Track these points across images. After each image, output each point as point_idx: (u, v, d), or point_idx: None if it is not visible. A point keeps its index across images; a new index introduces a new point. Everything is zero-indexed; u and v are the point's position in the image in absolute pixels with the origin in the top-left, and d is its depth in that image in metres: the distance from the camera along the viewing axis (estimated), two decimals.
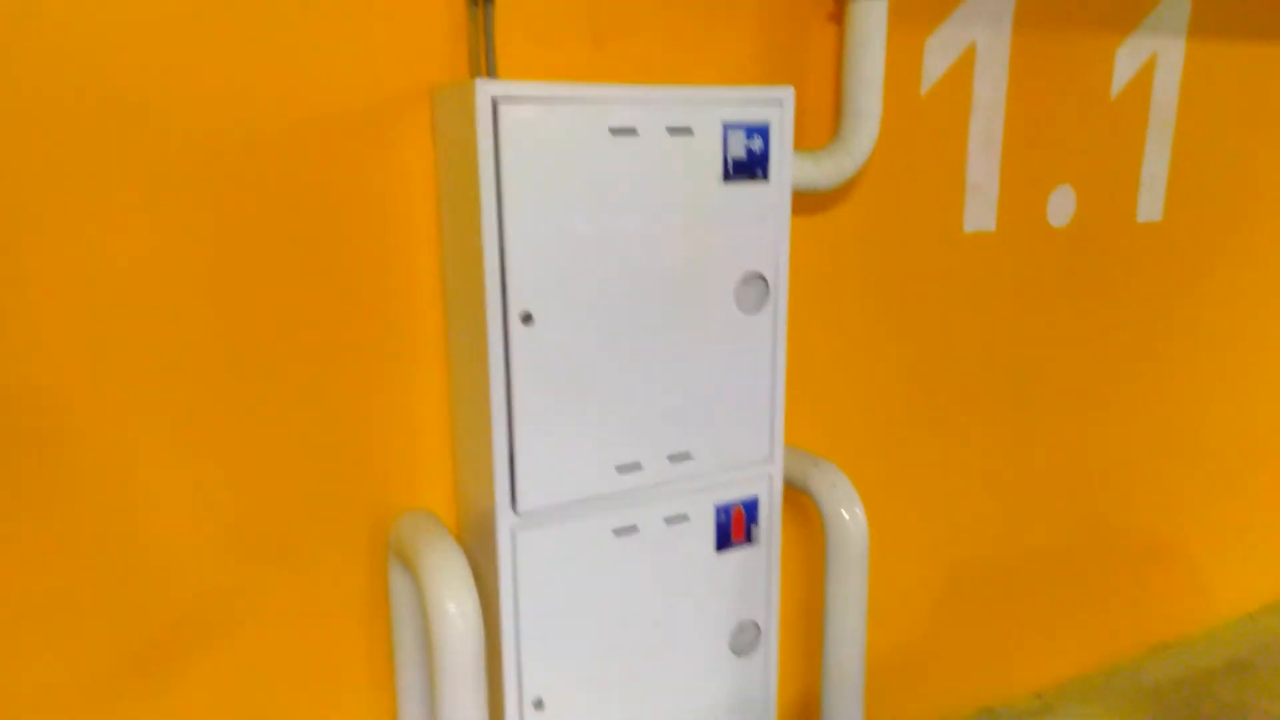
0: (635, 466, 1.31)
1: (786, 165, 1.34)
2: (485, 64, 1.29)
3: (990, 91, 1.74)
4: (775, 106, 1.32)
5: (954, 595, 1.99)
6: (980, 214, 1.79)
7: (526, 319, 1.20)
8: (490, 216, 1.15)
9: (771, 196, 1.34)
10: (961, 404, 1.88)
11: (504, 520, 1.24)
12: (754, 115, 1.30)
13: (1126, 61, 1.88)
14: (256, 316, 1.23)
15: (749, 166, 1.32)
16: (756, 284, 1.36)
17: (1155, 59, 1.91)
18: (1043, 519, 2.08)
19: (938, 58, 1.67)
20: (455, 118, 1.20)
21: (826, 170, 1.49)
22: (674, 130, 1.25)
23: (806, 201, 1.60)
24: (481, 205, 1.15)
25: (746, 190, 1.32)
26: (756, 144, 1.31)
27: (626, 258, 1.25)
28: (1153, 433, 2.19)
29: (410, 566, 1.22)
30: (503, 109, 1.13)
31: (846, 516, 1.47)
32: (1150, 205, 2.00)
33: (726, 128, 1.29)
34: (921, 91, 1.67)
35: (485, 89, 1.12)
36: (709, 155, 1.28)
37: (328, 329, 1.27)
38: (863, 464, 1.78)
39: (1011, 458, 1.98)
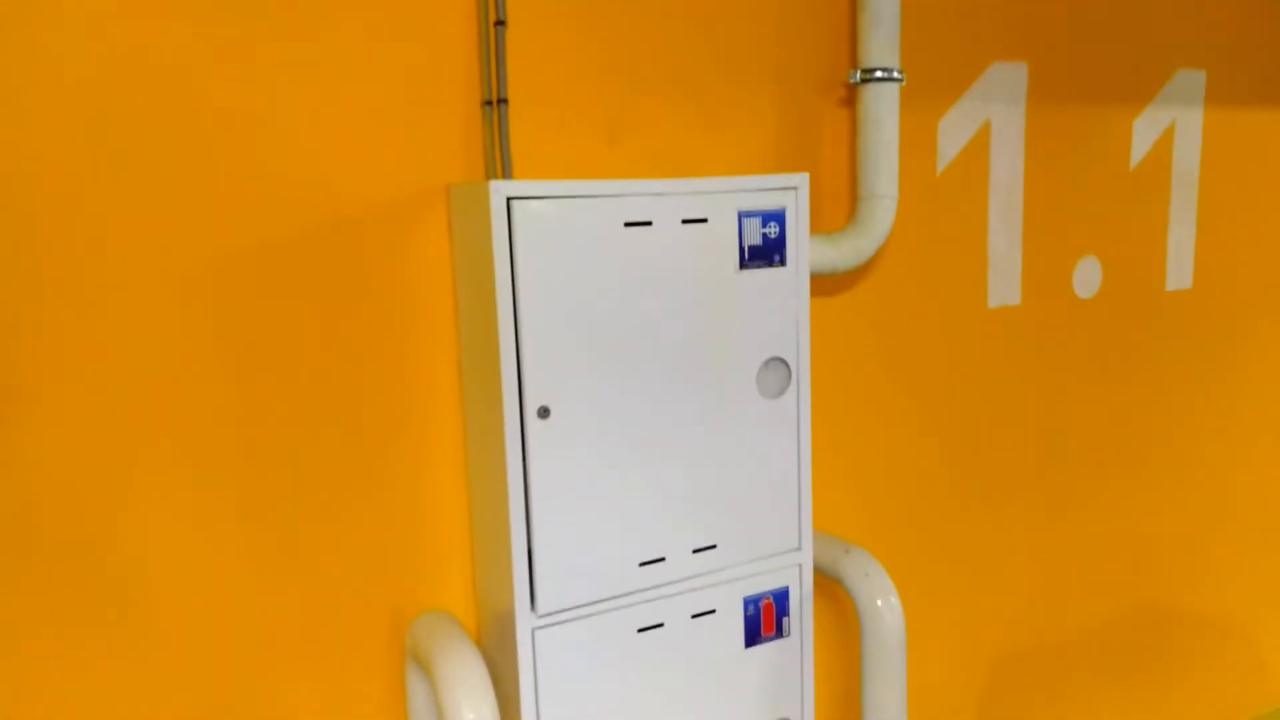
0: (659, 561, 1.28)
1: (803, 249, 1.33)
2: (500, 163, 1.31)
3: (1008, 166, 1.73)
4: (790, 192, 1.32)
5: (997, 682, 1.91)
6: (1004, 288, 1.77)
7: (543, 413, 1.19)
8: (506, 313, 1.15)
9: (790, 280, 1.33)
10: (993, 482, 1.83)
11: (523, 621, 1.21)
12: (769, 202, 1.30)
13: (1144, 131, 1.87)
14: (276, 414, 1.23)
15: (766, 252, 1.31)
16: (778, 368, 1.34)
17: (1174, 128, 1.90)
18: (1086, 600, 2.00)
19: (952, 136, 1.67)
20: (471, 216, 1.21)
21: (844, 252, 1.48)
22: (689, 221, 1.25)
23: (826, 283, 1.59)
24: (497, 302, 1.15)
25: (764, 276, 1.31)
26: (772, 230, 1.31)
27: (644, 348, 1.24)
28: (1197, 504, 2.11)
29: (426, 670, 1.19)
30: (516, 207, 1.14)
31: (881, 605, 1.42)
32: (1179, 272, 1.97)
33: (742, 216, 1.29)
34: (938, 170, 1.66)
35: (499, 189, 1.13)
36: (725, 243, 1.28)
37: (346, 426, 1.27)
38: (895, 547, 1.73)
39: (1049, 535, 1.91)
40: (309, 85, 1.19)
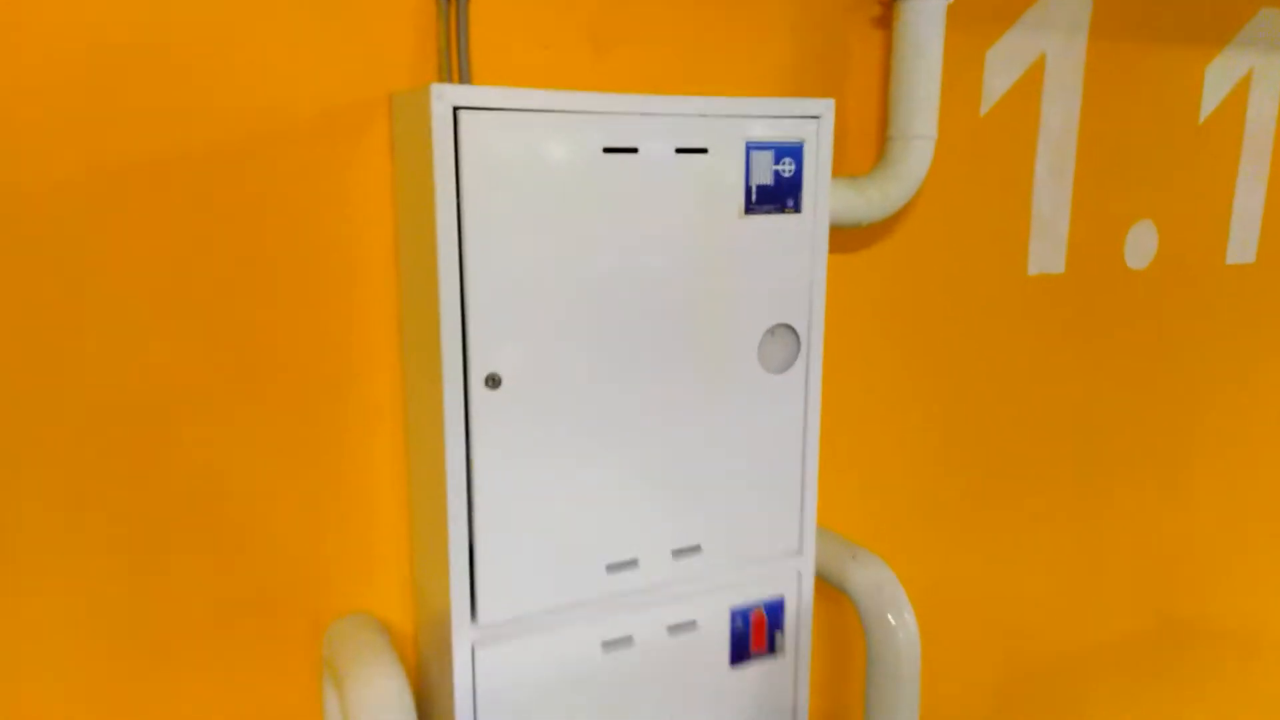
0: (630, 564, 1.06)
1: (824, 194, 1.09)
2: (456, 69, 1.06)
3: (1061, 111, 1.48)
4: (811, 122, 1.07)
5: (1015, 700, 1.71)
6: (1047, 254, 1.53)
7: (493, 382, 0.95)
8: (448, 254, 0.92)
9: (805, 231, 1.09)
10: (1021, 475, 1.60)
11: (461, 634, 0.98)
12: (785, 133, 1.06)
13: (1217, 80, 1.62)
14: (176, 377, 0.99)
15: (778, 195, 1.07)
16: (785, 337, 1.11)
17: (1251, 77, 1.65)
18: (1115, 608, 1.79)
19: (1001, 71, 1.42)
20: (412, 133, 0.96)
21: (871, 200, 1.24)
22: (685, 150, 1.01)
23: (843, 238, 1.35)
24: (438, 240, 0.91)
25: (774, 224, 1.07)
26: (787, 168, 1.07)
27: (621, 306, 1.00)
28: (1242, 507, 1.90)
29: (336, 687, 0.97)
30: (465, 120, 0.90)
31: (894, 623, 1.20)
32: (1242, 245, 1.73)
33: (750, 148, 1.04)
34: (981, 111, 1.42)
35: (444, 96, 0.89)
36: (728, 181, 1.04)
37: (261, 384, 1.03)
38: (907, 547, 1.51)
39: (1080, 537, 1.70)
40: None
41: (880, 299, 1.40)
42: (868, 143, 1.34)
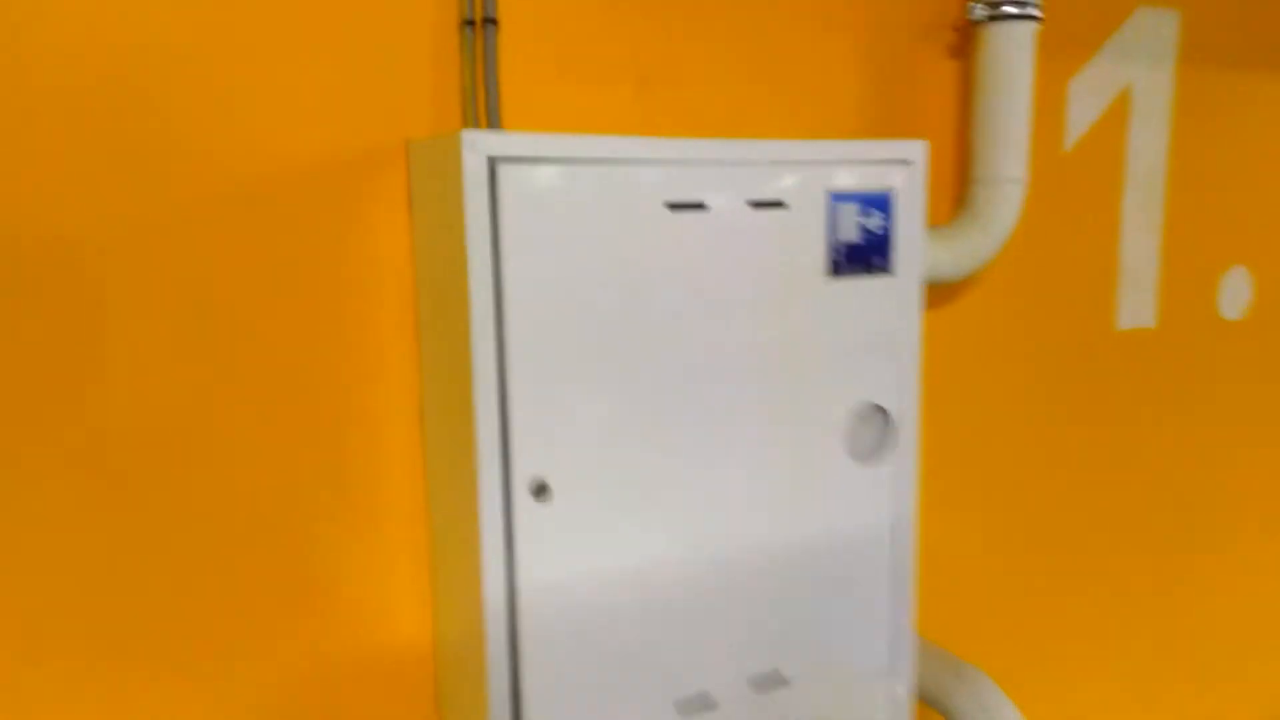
0: (704, 702, 0.88)
1: (918, 251, 0.93)
2: (484, 110, 0.90)
3: (1150, 146, 1.33)
4: (900, 168, 0.91)
5: None
6: (1137, 306, 1.36)
7: (540, 491, 0.78)
8: (485, 338, 0.75)
9: (896, 296, 0.93)
10: (1124, 552, 1.43)
11: None
12: (871, 181, 0.90)
13: None
14: (139, 507, 0.82)
15: (864, 253, 0.91)
16: (876, 420, 0.94)
17: None
18: (1246, 703, 1.60)
19: (1085, 103, 1.27)
20: (436, 189, 0.80)
21: (958, 255, 1.08)
22: (759, 204, 0.84)
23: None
24: (472, 322, 0.74)
25: (861, 288, 0.91)
26: (876, 222, 0.91)
27: (689, 392, 0.83)
28: None
29: None
30: (505, 176, 0.73)
31: None
32: None
33: (835, 200, 0.88)
34: (1066, 146, 1.26)
35: (477, 145, 0.73)
36: (809, 239, 0.87)
37: (246, 517, 0.86)
38: (1017, 660, 1.32)
39: (1202, 620, 1.51)
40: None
41: (961, 364, 1.23)
42: (942, 187, 1.18)
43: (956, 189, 1.18)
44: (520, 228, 0.74)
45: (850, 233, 0.89)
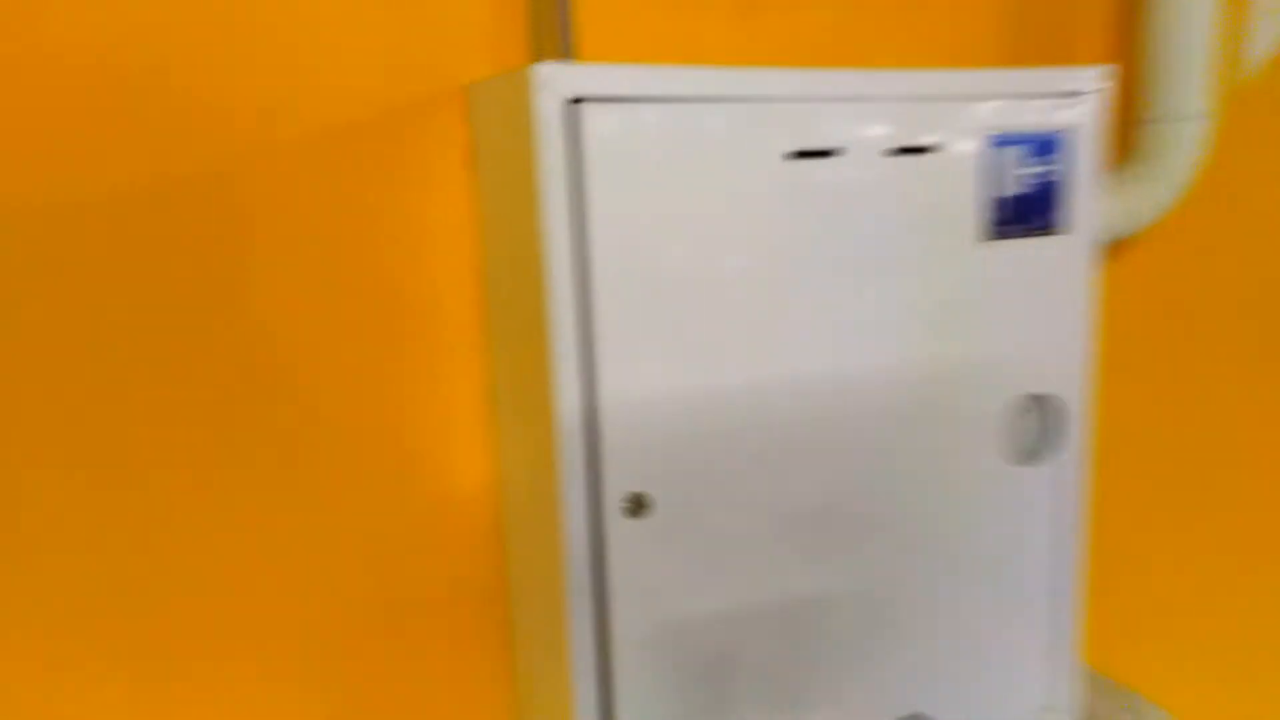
0: None
1: (1093, 206, 0.75)
2: (559, 43, 0.74)
3: None
4: (1076, 102, 0.73)
5: None
6: None
7: (636, 507, 0.64)
8: (565, 320, 0.60)
9: (1068, 261, 0.75)
10: None
11: None
12: (1037, 120, 0.72)
13: None
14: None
15: (1029, 210, 0.73)
16: (1037, 414, 0.77)
17: None
18: None
19: (1269, 20, 1.05)
20: (504, 139, 0.65)
21: (1131, 205, 0.89)
22: (898, 150, 0.67)
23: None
24: (549, 301, 0.60)
25: (1024, 251, 0.73)
26: (1047, 169, 0.73)
27: (815, 383, 0.68)
28: None
29: None
30: (590, 118, 0.58)
31: None
32: None
33: (994, 143, 0.70)
34: (1248, 70, 1.05)
35: (553, 82, 0.57)
36: (959, 192, 0.70)
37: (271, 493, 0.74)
38: (1192, 680, 1.14)
39: None
40: None
41: (1142, 342, 1.04)
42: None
43: (1122, 129, 0.98)
44: (608, 185, 0.59)
45: (1014, 184, 0.72)
